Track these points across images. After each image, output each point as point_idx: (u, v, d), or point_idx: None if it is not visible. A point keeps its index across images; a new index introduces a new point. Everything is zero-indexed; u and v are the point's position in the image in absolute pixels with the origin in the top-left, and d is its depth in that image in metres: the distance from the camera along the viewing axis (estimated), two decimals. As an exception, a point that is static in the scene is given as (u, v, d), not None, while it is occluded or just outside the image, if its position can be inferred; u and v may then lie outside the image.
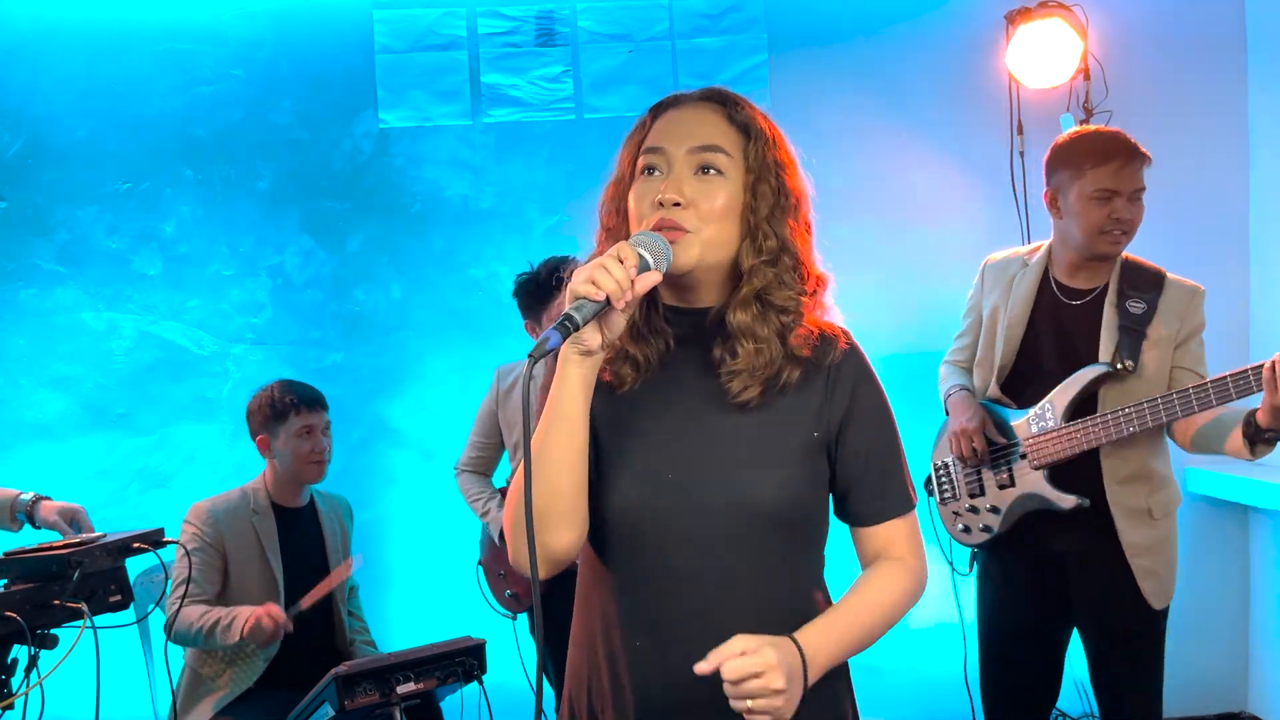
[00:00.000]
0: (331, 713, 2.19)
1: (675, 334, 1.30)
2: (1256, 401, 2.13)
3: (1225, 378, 2.15)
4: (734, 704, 1.14)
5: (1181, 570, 3.50)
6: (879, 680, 3.47)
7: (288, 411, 2.72)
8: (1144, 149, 2.30)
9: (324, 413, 2.79)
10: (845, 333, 1.35)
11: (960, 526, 2.52)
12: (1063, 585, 2.42)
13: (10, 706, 1.70)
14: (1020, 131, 3.48)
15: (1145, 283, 2.34)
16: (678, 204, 1.23)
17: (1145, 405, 2.22)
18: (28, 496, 2.48)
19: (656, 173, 1.27)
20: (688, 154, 1.26)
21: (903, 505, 1.35)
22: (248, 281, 3.42)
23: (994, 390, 2.46)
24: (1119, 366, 2.27)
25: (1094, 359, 2.31)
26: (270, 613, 2.48)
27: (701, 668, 1.14)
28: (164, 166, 3.38)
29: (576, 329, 1.12)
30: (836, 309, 1.36)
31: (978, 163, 3.51)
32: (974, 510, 2.48)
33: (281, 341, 3.43)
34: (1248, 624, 3.54)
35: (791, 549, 1.30)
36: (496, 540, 2.99)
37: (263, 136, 3.40)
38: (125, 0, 3.35)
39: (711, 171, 1.26)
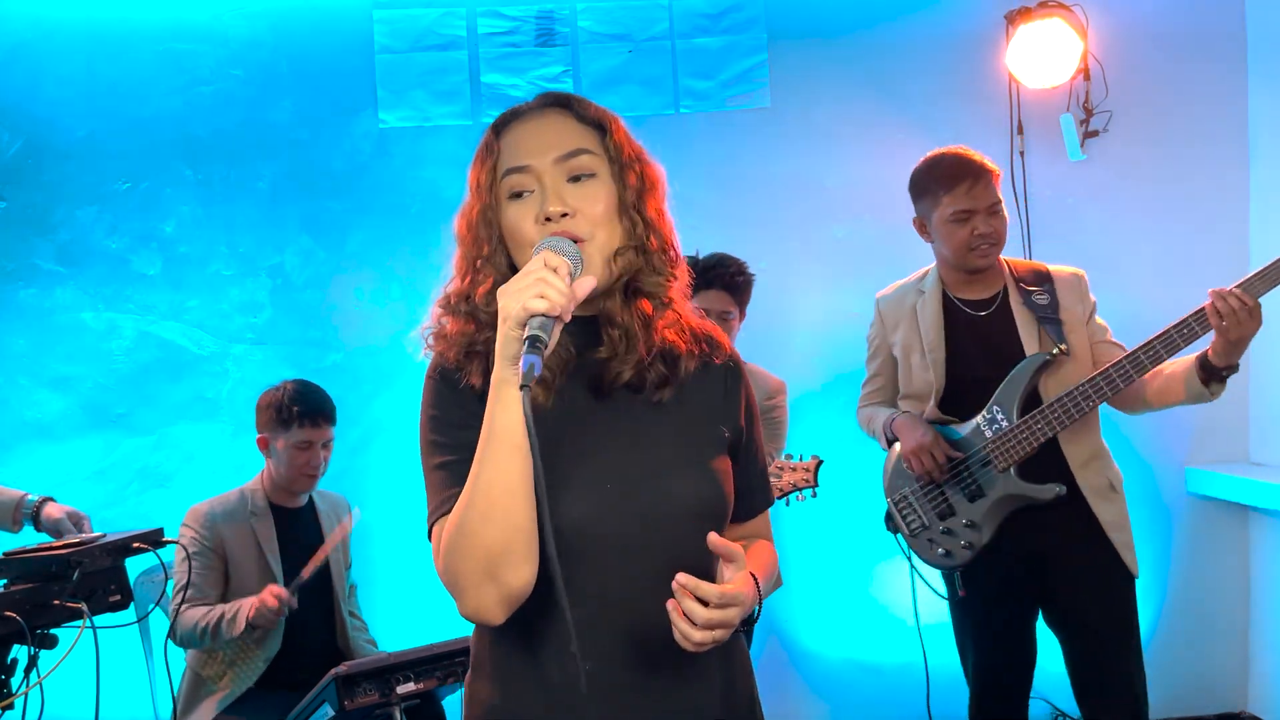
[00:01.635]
0: (331, 713, 2.20)
1: (575, 343, 1.26)
2: (1198, 349, 2.26)
3: (1169, 330, 2.26)
4: (686, 632, 1.12)
5: (1181, 570, 3.51)
6: (879, 680, 3.47)
7: (291, 421, 2.72)
8: (990, 164, 2.43)
9: (328, 428, 2.77)
10: (722, 334, 1.39)
11: (940, 552, 2.50)
12: (1034, 579, 2.46)
13: (10, 706, 1.70)
14: (1020, 131, 3.48)
15: (1035, 278, 2.48)
16: (565, 214, 1.21)
17: (1096, 380, 2.31)
18: (34, 498, 2.48)
19: (528, 193, 1.24)
20: (554, 164, 1.24)
21: (770, 498, 1.45)
22: (248, 281, 3.42)
23: (933, 412, 2.50)
24: (1055, 352, 2.38)
25: (1021, 356, 2.40)
26: (272, 592, 2.49)
27: (714, 542, 1.14)
28: (164, 166, 3.38)
29: (546, 348, 1.09)
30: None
31: (978, 163, 3.51)
32: (949, 532, 2.48)
33: (281, 341, 3.43)
34: (1248, 624, 3.54)
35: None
36: None
37: (263, 136, 3.40)
38: (125, 0, 3.35)
39: (584, 176, 1.24)
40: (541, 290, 1.10)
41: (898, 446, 2.54)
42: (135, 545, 1.84)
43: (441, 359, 1.29)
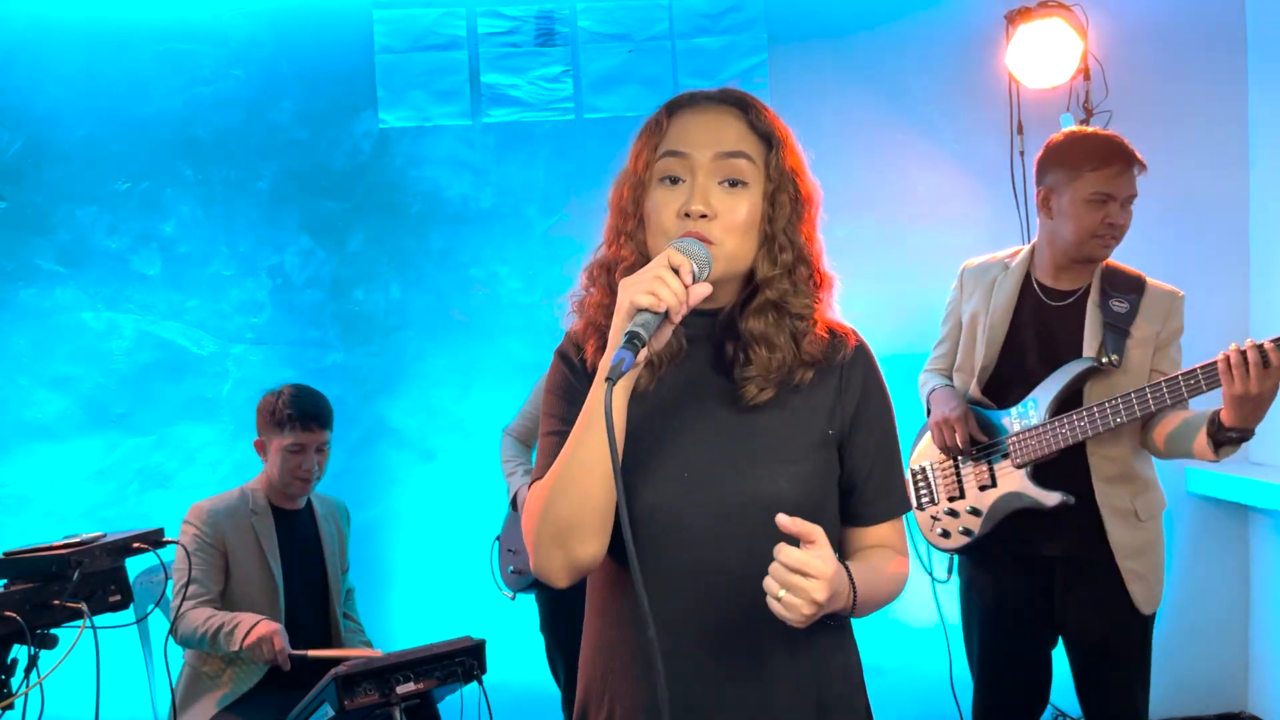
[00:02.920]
0: (331, 713, 2.19)
1: (686, 334, 1.29)
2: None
3: (1196, 369, 2.14)
4: (769, 585, 1.13)
5: (1181, 570, 3.50)
6: (879, 680, 3.47)
7: (284, 424, 2.72)
8: (1141, 157, 2.31)
9: (322, 432, 2.76)
10: (855, 332, 1.37)
11: (939, 531, 2.50)
12: (1050, 588, 2.41)
13: (10, 706, 1.70)
14: (1020, 131, 3.48)
15: (1126, 286, 2.36)
16: (704, 215, 1.23)
17: (1129, 396, 2.21)
18: None
19: (680, 181, 1.26)
20: (713, 161, 1.25)
21: (901, 506, 1.38)
22: (248, 281, 3.42)
23: (975, 391, 2.45)
24: (1104, 361, 2.28)
25: (1077, 355, 2.32)
26: (274, 640, 2.47)
27: (783, 520, 1.14)
28: (164, 166, 3.38)
29: (644, 345, 1.11)
30: (837, 307, 1.37)
31: (978, 162, 3.51)
32: (953, 514, 2.47)
33: (281, 341, 3.43)
34: (1248, 624, 3.54)
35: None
36: (510, 504, 2.99)
37: (263, 136, 3.40)
38: (125, 0, 3.35)
39: (737, 182, 1.26)
40: (654, 288, 1.12)
41: (931, 416, 2.52)
42: (135, 545, 1.83)
43: (569, 338, 1.35)
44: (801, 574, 1.12)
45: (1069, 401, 2.32)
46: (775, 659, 1.28)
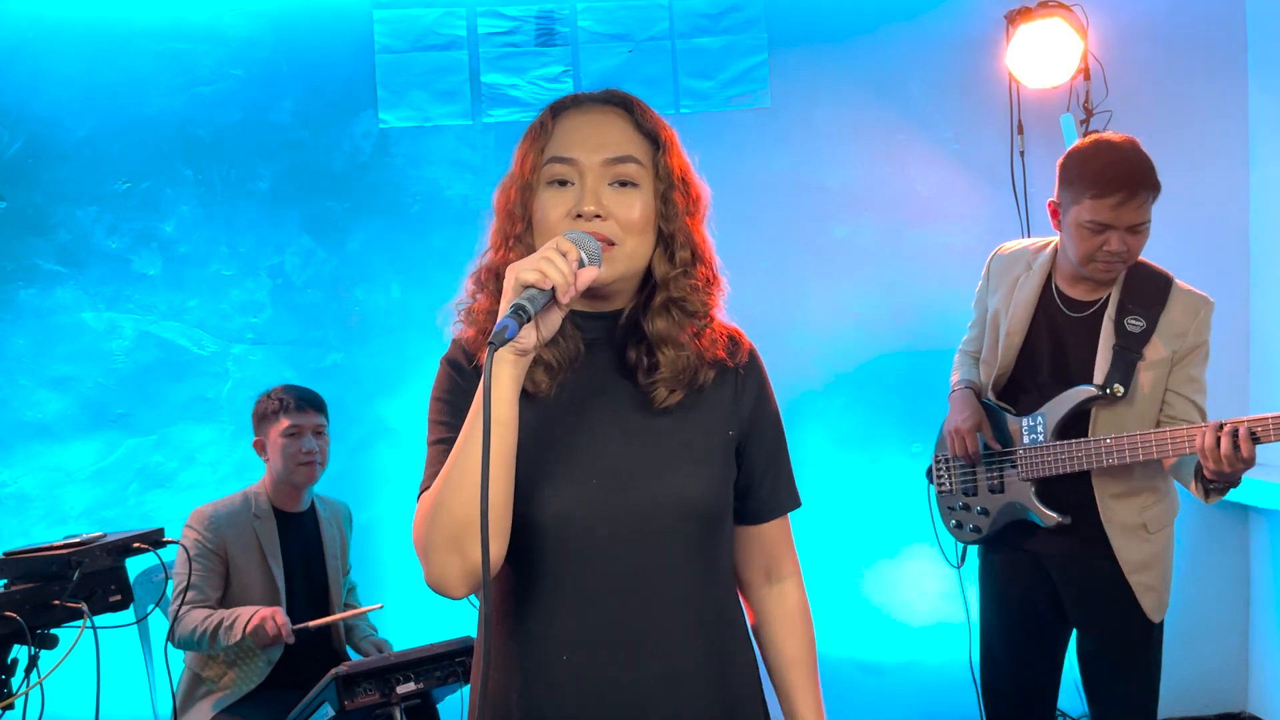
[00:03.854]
0: (331, 713, 2.20)
1: (585, 338, 1.28)
2: None
3: (1181, 433, 2.12)
4: None
5: (1182, 571, 3.49)
6: (880, 679, 3.47)
7: (276, 413, 2.75)
8: (1154, 178, 2.14)
9: (316, 415, 2.79)
10: (742, 333, 1.39)
11: (954, 522, 2.54)
12: (1048, 584, 2.41)
13: (10, 706, 1.70)
14: (1020, 131, 3.48)
15: (1149, 294, 2.25)
16: (598, 216, 1.22)
17: (1131, 438, 2.18)
18: None
19: (568, 184, 1.24)
20: (602, 165, 1.24)
21: (792, 501, 1.41)
22: (248, 281, 3.42)
23: (991, 397, 2.47)
24: (1107, 391, 2.22)
25: (1087, 376, 2.27)
26: (276, 618, 2.48)
27: None
28: (164, 166, 3.38)
29: (530, 319, 1.09)
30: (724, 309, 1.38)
31: (978, 163, 3.51)
32: (966, 509, 2.49)
33: (281, 341, 3.43)
34: (1248, 624, 3.54)
35: (714, 546, 1.31)
36: None
37: (263, 136, 3.40)
38: (125, 0, 3.35)
39: (627, 184, 1.24)
40: (540, 266, 1.11)
41: (947, 420, 2.53)
42: (135, 545, 1.83)
43: (457, 346, 1.31)
44: None
45: (1076, 420, 2.29)
46: (687, 661, 1.27)
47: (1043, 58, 3.34)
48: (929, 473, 2.63)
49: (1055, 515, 2.29)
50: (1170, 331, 2.23)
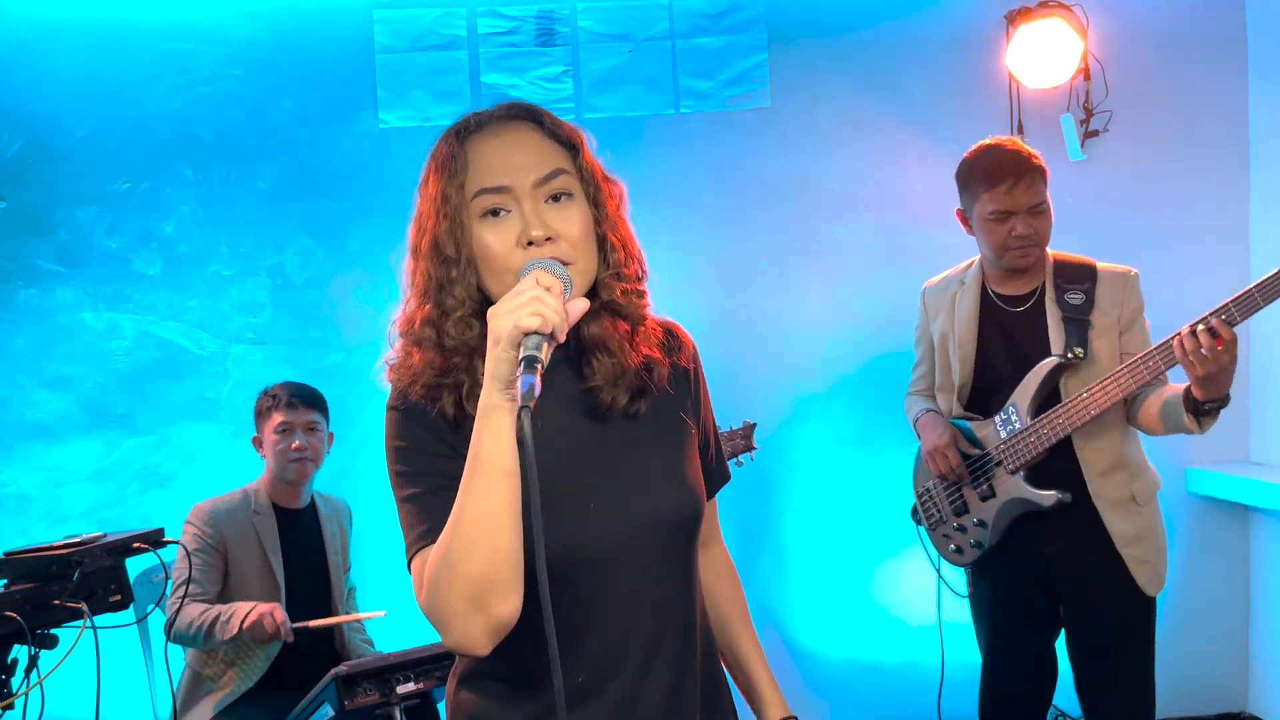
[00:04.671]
0: (331, 713, 2.20)
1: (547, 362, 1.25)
2: None
3: (1166, 342, 2.18)
4: None
5: (1181, 570, 3.50)
6: (880, 679, 3.47)
7: (270, 409, 2.76)
8: (1037, 160, 2.33)
9: (309, 411, 2.78)
10: (677, 325, 1.38)
11: (952, 548, 2.54)
12: (1053, 587, 2.44)
13: (10, 706, 1.70)
14: (1020, 131, 3.47)
15: (1078, 276, 2.39)
16: (549, 239, 1.17)
17: (1102, 383, 2.25)
18: None
19: (504, 213, 1.19)
20: (535, 187, 1.19)
21: (725, 475, 1.43)
22: (248, 281, 3.42)
23: (958, 409, 2.49)
24: (1069, 355, 2.31)
25: (1046, 355, 2.35)
26: (274, 614, 2.48)
27: None
28: (164, 166, 3.38)
29: (541, 367, 1.04)
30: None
31: (978, 163, 3.51)
32: (962, 529, 2.49)
33: (281, 341, 3.43)
34: (1248, 624, 3.54)
35: (692, 550, 1.31)
36: None
37: (263, 136, 3.40)
38: (125, 0, 3.35)
39: (562, 196, 1.20)
40: (536, 309, 1.06)
41: (921, 446, 2.54)
42: (135, 545, 1.83)
43: (403, 399, 1.23)
44: None
45: (1049, 399, 2.35)
46: (689, 668, 1.28)
47: (1043, 58, 3.34)
48: (914, 513, 2.64)
49: (1054, 493, 2.32)
50: (1107, 300, 2.36)
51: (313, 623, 2.61)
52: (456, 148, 1.22)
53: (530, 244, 1.17)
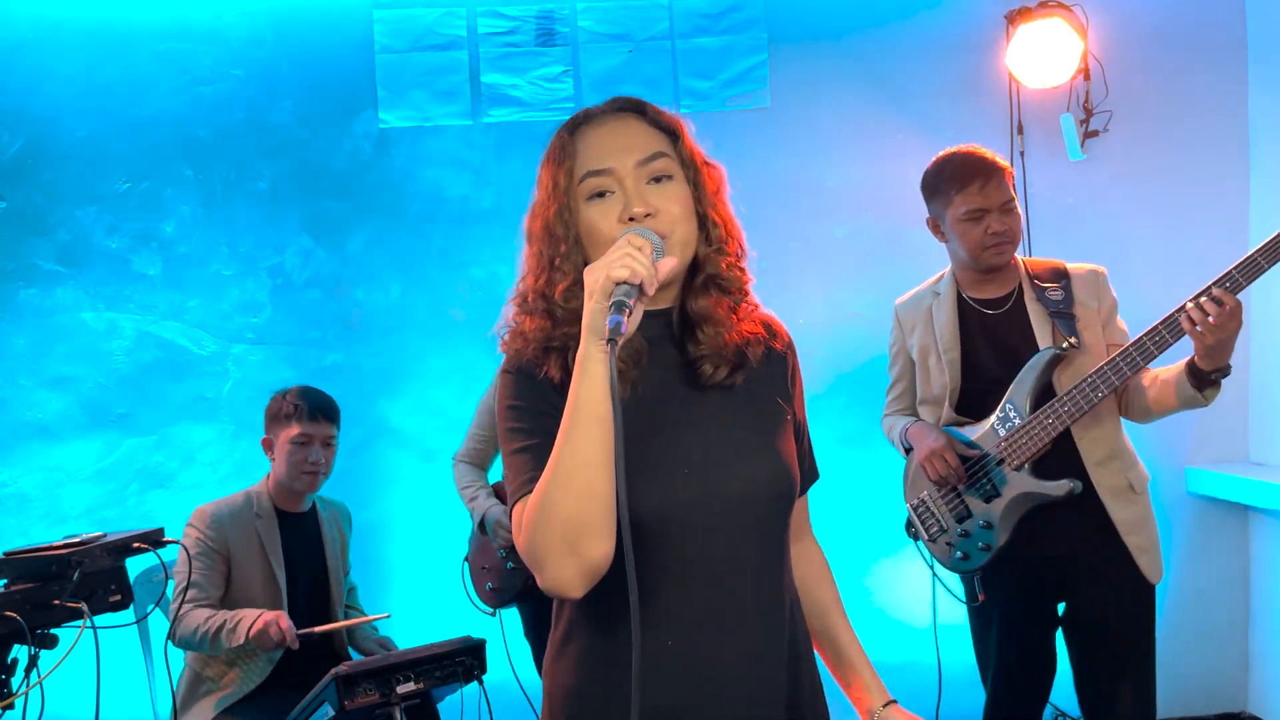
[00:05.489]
0: (331, 713, 2.19)
1: (645, 336, 1.30)
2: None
3: (1158, 326, 2.22)
4: None
5: (1181, 569, 3.50)
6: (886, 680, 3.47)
7: (290, 417, 2.73)
8: (1001, 161, 2.41)
9: (328, 425, 2.78)
10: (776, 319, 1.46)
11: (958, 555, 2.49)
12: (1058, 584, 2.44)
13: (10, 706, 1.70)
14: (1020, 131, 3.48)
15: (1051, 275, 2.44)
16: (648, 215, 1.27)
17: (1105, 368, 2.28)
18: None
19: (609, 194, 1.29)
20: (636, 167, 1.29)
21: (814, 474, 1.52)
22: (248, 281, 3.42)
23: (949, 415, 2.49)
24: (1065, 346, 2.34)
25: (1034, 354, 2.37)
26: (280, 622, 2.48)
27: None
28: (164, 166, 3.38)
29: (630, 313, 1.14)
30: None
31: (978, 163, 3.51)
32: (966, 534, 2.47)
33: (281, 341, 3.43)
34: (1248, 624, 3.54)
35: (787, 525, 1.37)
36: (477, 527, 2.99)
37: (263, 136, 3.40)
38: (125, 0, 3.35)
39: (663, 179, 1.30)
40: (626, 261, 1.15)
41: (915, 454, 2.53)
42: (135, 545, 1.83)
43: (516, 361, 1.32)
44: None
45: (1044, 393, 2.36)
46: (773, 639, 1.31)
47: (1043, 58, 3.34)
48: (909, 527, 2.61)
49: (1065, 481, 2.32)
50: (1084, 294, 2.41)
51: (317, 629, 2.60)
52: (567, 140, 1.33)
53: (631, 220, 1.27)
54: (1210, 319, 2.09)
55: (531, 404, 1.29)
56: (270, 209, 3.41)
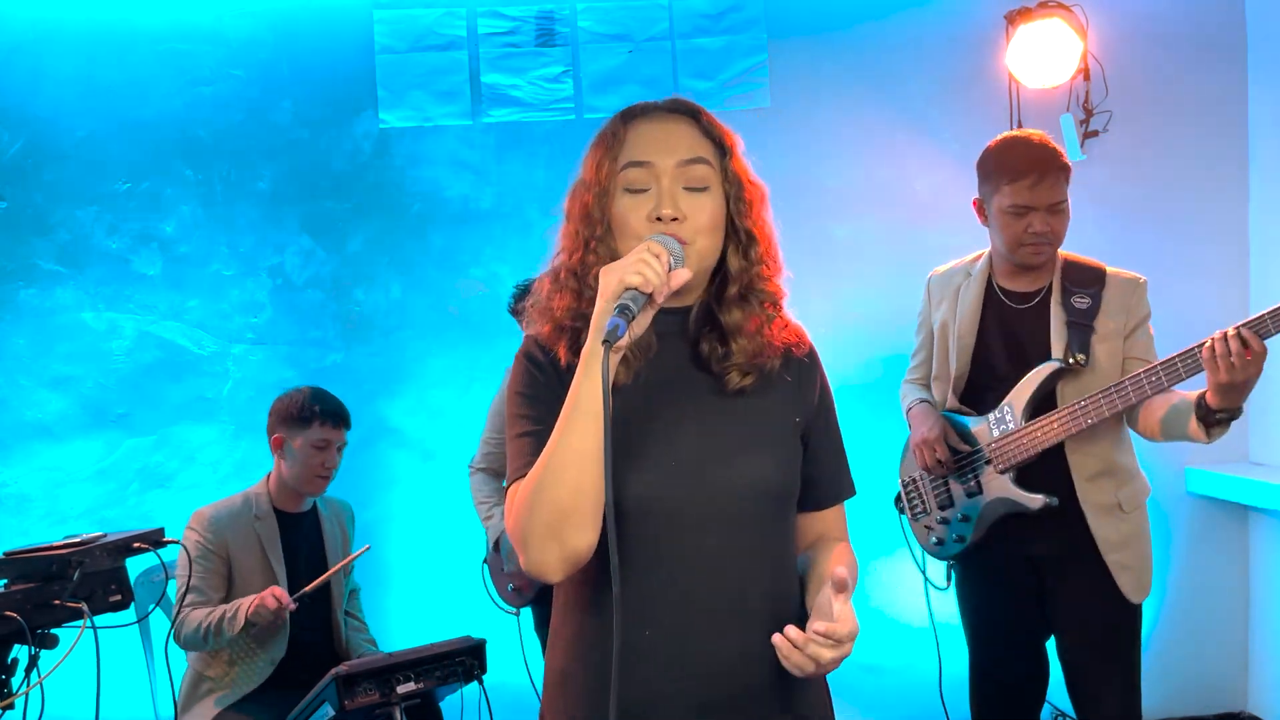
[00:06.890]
0: (331, 712, 2.20)
1: (656, 331, 1.33)
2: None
3: (1174, 359, 2.15)
4: (792, 656, 1.20)
5: (1181, 570, 3.50)
6: (880, 679, 3.47)
7: (312, 420, 2.73)
8: (1065, 159, 2.29)
9: (344, 431, 2.79)
10: (804, 332, 1.48)
11: (933, 539, 2.52)
12: (1040, 587, 2.43)
13: (10, 706, 1.70)
14: (1020, 131, 3.47)
15: (1087, 279, 2.35)
16: (675, 219, 1.30)
17: (1100, 395, 2.23)
18: None
19: (643, 190, 1.32)
20: (676, 168, 1.32)
21: (849, 490, 1.50)
22: (248, 281, 3.42)
23: (952, 401, 2.48)
24: (1070, 361, 2.29)
25: (1045, 357, 2.32)
26: (273, 593, 2.49)
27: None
28: (164, 166, 3.38)
29: (633, 318, 1.18)
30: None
31: (978, 163, 3.51)
32: (945, 522, 2.48)
33: (281, 341, 3.43)
34: (1247, 624, 3.54)
35: (783, 527, 1.38)
36: (491, 547, 2.99)
37: (263, 136, 3.40)
38: (125, 0, 3.35)
39: (699, 187, 1.33)
40: (640, 269, 1.19)
41: (911, 437, 2.54)
42: (136, 545, 1.83)
43: (532, 342, 1.38)
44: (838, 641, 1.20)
45: (1044, 402, 2.33)
46: (759, 637, 1.30)
47: (1042, 58, 3.34)
48: (897, 501, 2.63)
49: (1039, 496, 2.30)
50: (1115, 306, 2.32)
51: (309, 586, 2.61)
52: (619, 127, 1.37)
53: (659, 220, 1.30)
54: (1232, 358, 2.01)
55: (536, 392, 1.34)
56: (270, 209, 3.41)
